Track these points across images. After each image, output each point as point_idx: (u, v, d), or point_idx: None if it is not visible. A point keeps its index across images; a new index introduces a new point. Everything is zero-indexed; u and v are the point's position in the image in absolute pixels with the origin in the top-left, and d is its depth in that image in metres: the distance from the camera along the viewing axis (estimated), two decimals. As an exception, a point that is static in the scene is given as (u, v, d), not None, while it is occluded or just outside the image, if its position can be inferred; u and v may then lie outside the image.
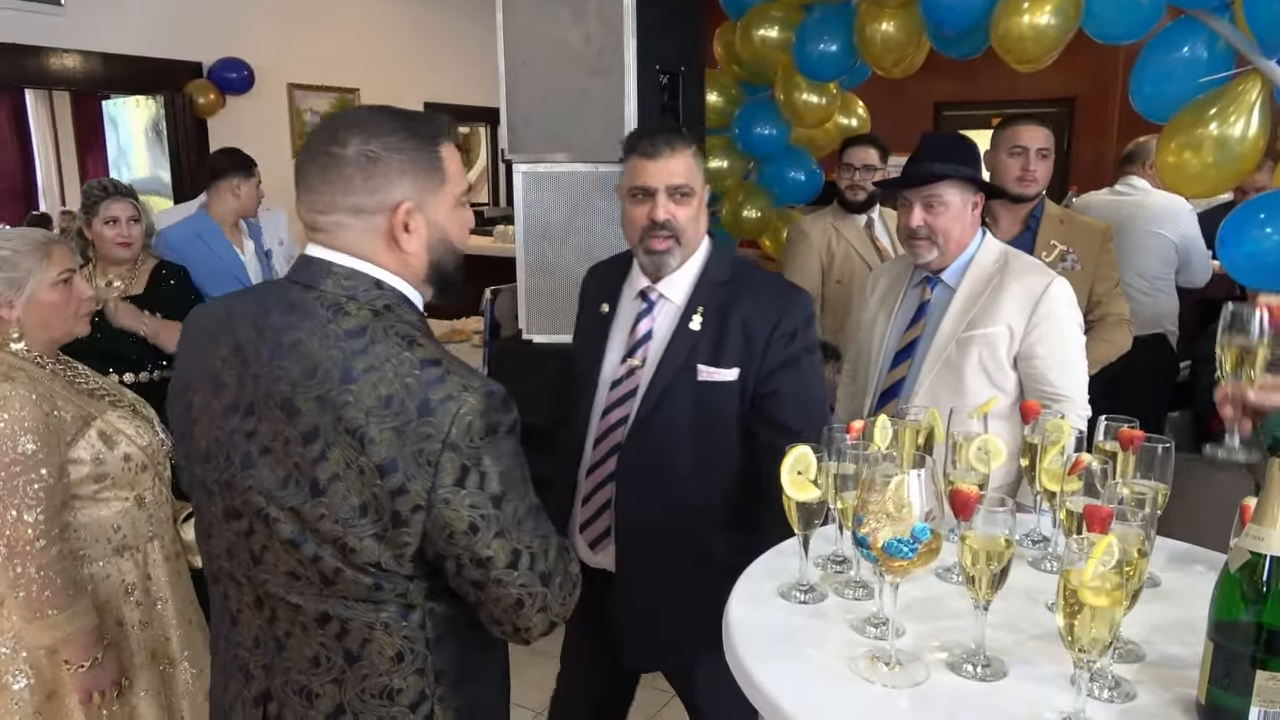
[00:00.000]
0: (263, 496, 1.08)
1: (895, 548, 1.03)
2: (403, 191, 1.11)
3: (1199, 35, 2.34)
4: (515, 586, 1.10)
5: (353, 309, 1.09)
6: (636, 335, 1.81)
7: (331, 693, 1.13)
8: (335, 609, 1.10)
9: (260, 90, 5.61)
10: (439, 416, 1.03)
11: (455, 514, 1.05)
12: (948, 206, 2.04)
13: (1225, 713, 0.96)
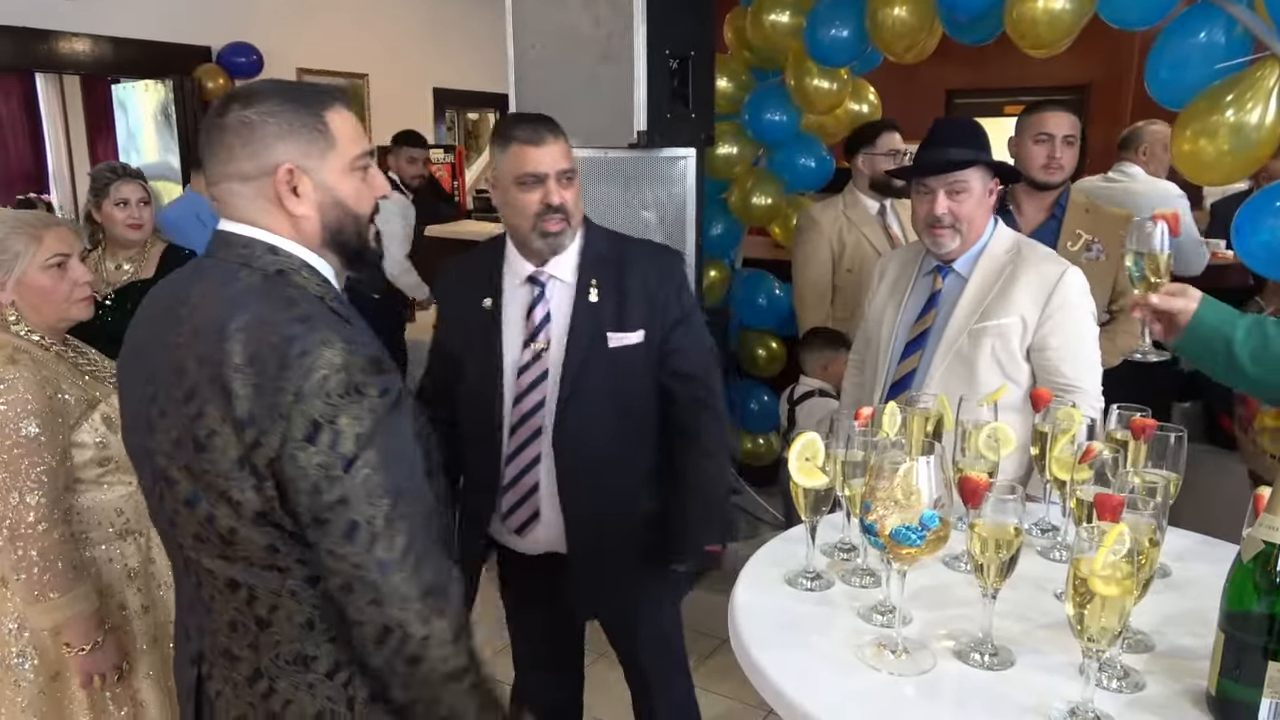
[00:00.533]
0: (164, 458, 1.11)
1: (903, 535, 1.02)
2: (283, 154, 1.13)
3: (1216, 20, 2.30)
4: (346, 564, 1.04)
5: (244, 275, 1.11)
6: (534, 320, 1.83)
7: (249, 657, 1.15)
8: (241, 575, 1.12)
9: (269, 74, 5.61)
10: (294, 370, 1.03)
11: (301, 471, 1.03)
12: (971, 193, 2.01)
13: (1236, 704, 0.95)
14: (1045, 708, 0.98)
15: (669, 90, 3.08)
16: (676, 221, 3.14)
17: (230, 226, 1.16)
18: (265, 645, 1.14)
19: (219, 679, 1.18)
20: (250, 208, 1.14)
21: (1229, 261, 3.70)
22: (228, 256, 1.14)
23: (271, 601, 1.12)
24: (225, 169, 1.13)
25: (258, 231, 1.14)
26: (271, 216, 1.14)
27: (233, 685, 1.17)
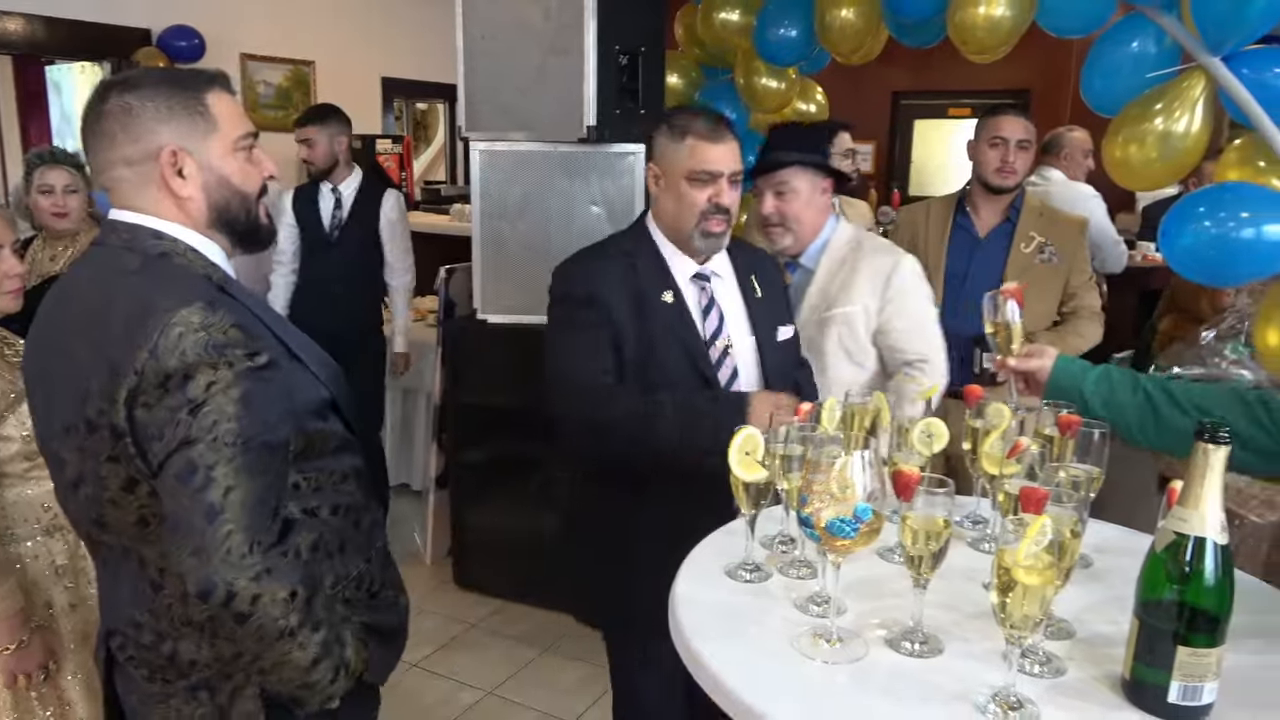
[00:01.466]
0: (57, 442, 1.16)
1: (837, 527, 1.05)
2: (166, 137, 1.15)
3: (1147, 31, 2.38)
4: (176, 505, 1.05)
5: (127, 259, 1.15)
6: (712, 318, 1.85)
7: (150, 622, 1.19)
8: (129, 543, 1.16)
9: (211, 60, 5.45)
10: (152, 327, 1.06)
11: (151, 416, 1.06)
12: (797, 193, 2.12)
13: (1148, 687, 1.00)
14: (971, 693, 1.02)
15: (619, 85, 3.10)
16: (625, 216, 3.15)
17: (118, 215, 1.19)
18: (160, 609, 1.17)
19: (131, 647, 1.21)
20: (137, 193, 1.17)
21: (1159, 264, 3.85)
22: (114, 243, 1.17)
23: (158, 564, 1.15)
24: (110, 155, 1.16)
25: (142, 218, 1.17)
26: (158, 201, 1.17)
27: (141, 650, 1.20)
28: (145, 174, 1.16)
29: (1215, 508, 0.97)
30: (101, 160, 1.17)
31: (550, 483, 3.43)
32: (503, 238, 3.23)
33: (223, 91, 1.21)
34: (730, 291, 1.88)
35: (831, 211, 2.24)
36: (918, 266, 2.18)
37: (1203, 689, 0.97)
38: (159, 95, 1.15)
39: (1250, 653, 1.09)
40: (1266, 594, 1.31)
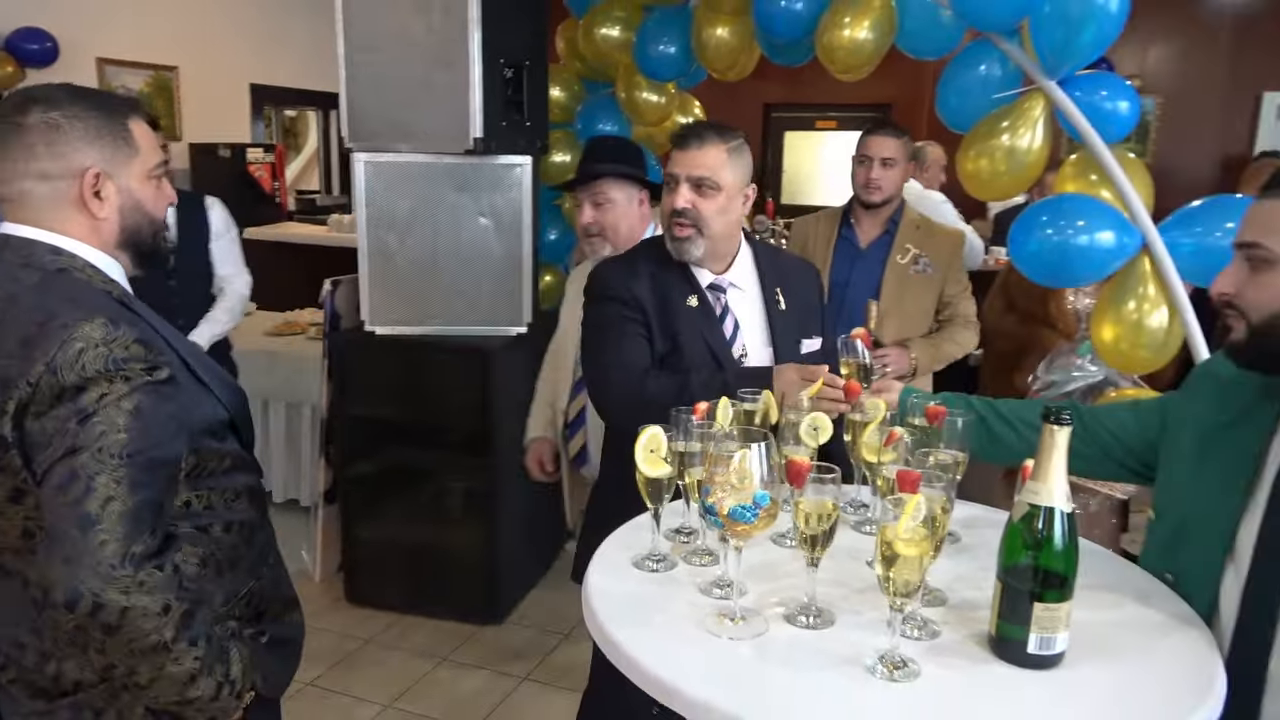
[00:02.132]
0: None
1: (739, 513, 1.15)
2: (90, 158, 1.18)
3: (993, 56, 2.61)
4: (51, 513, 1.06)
5: (23, 274, 1.15)
6: (728, 327, 1.91)
7: (34, 642, 1.18)
8: (10, 563, 1.16)
9: (65, 64, 5.19)
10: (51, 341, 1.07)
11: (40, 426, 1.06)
12: (614, 203, 2.25)
13: (1010, 641, 1.14)
14: (861, 657, 1.13)
15: (504, 98, 3.15)
16: (512, 227, 3.21)
17: (12, 229, 1.17)
18: (45, 627, 1.16)
19: (13, 669, 1.19)
20: (43, 208, 1.17)
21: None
22: (9, 259, 1.16)
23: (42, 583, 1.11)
24: (23, 167, 1.15)
25: (40, 233, 1.17)
26: (67, 218, 1.18)
27: (23, 673, 1.19)
28: (60, 191, 1.17)
29: (1061, 480, 1.12)
30: (9, 170, 1.16)
31: (444, 493, 3.44)
32: (389, 250, 3.22)
33: (141, 119, 1.25)
34: (751, 303, 1.93)
35: (651, 221, 2.33)
36: None
37: (1056, 639, 1.12)
38: (88, 117, 1.18)
39: (1094, 608, 1.25)
40: (1111, 559, 1.49)
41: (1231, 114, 6.09)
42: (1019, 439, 1.60)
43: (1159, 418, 1.50)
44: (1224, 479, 1.31)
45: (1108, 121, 2.47)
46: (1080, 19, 2.34)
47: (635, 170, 2.33)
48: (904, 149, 2.87)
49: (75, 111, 1.17)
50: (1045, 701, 1.08)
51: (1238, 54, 6.03)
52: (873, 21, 2.73)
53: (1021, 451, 1.59)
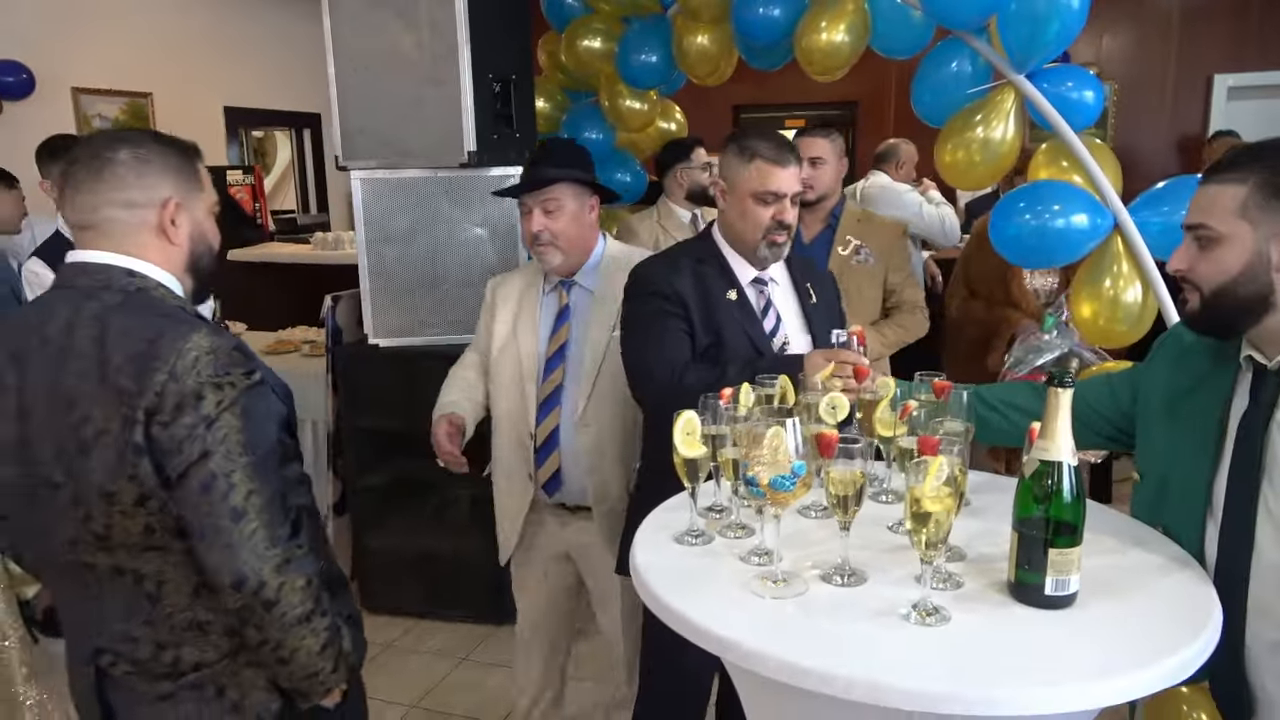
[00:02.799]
0: (45, 467, 1.22)
1: (779, 483, 1.26)
2: (170, 189, 1.32)
3: (964, 53, 2.74)
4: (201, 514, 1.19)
5: (106, 296, 1.25)
6: (770, 320, 2.03)
7: (147, 634, 1.27)
8: (123, 562, 1.24)
9: (43, 95, 5.22)
10: (168, 352, 1.19)
11: (169, 435, 1.18)
12: (564, 210, 2.14)
13: (1029, 586, 1.26)
14: (895, 608, 1.25)
15: (494, 112, 3.24)
16: (507, 236, 3.30)
17: (87, 256, 1.28)
18: (159, 619, 1.26)
19: (124, 663, 1.28)
20: (125, 234, 1.28)
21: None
22: (85, 284, 1.26)
23: (157, 578, 1.24)
24: (112, 195, 1.27)
25: (115, 257, 1.27)
26: (144, 243, 1.29)
27: (138, 665, 1.28)
28: (142, 218, 1.29)
29: (1067, 437, 1.24)
30: (100, 199, 1.27)
31: (451, 499, 3.52)
32: (389, 264, 3.30)
33: (201, 162, 1.39)
34: (787, 297, 2.07)
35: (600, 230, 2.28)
36: None
37: (1070, 580, 1.24)
38: (168, 155, 1.32)
39: (1099, 555, 1.37)
40: (1107, 512, 1.61)
41: (1185, 97, 6.32)
42: (1004, 420, 1.73)
43: (1130, 389, 1.64)
44: (1194, 440, 1.45)
45: (1075, 111, 2.61)
46: (1045, 15, 2.48)
47: (588, 175, 2.24)
48: (834, 148, 3.02)
49: (159, 150, 1.31)
50: (1064, 635, 1.20)
51: (1188, 39, 6.26)
52: (848, 24, 2.86)
53: (1008, 433, 1.73)
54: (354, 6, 3.15)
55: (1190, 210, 1.39)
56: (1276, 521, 1.34)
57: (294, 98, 6.72)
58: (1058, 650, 1.17)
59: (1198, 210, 1.37)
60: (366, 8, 3.15)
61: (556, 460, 2.22)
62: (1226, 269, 1.33)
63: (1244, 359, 1.41)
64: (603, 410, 2.19)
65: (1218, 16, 6.19)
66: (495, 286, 2.38)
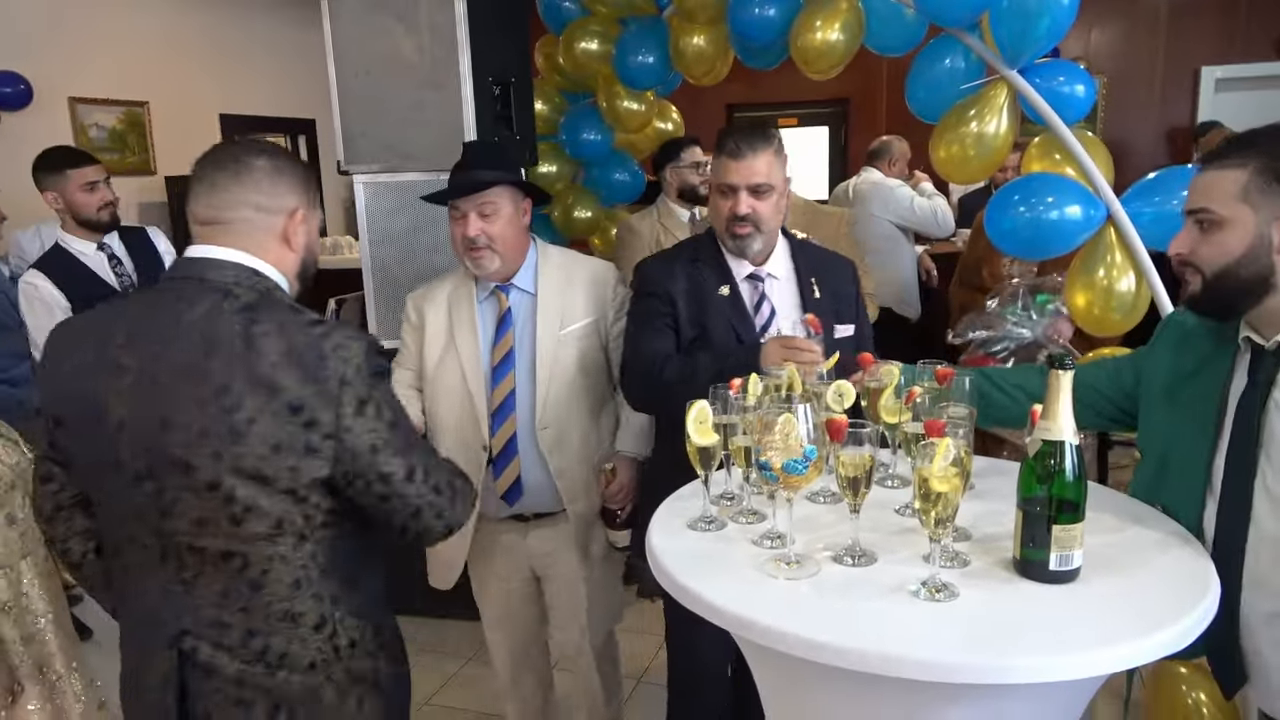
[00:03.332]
0: (181, 449, 1.28)
1: (792, 466, 1.30)
2: (296, 201, 1.43)
3: (957, 49, 2.79)
4: (414, 497, 1.37)
5: (239, 291, 1.33)
6: (763, 314, 2.06)
7: (241, 620, 1.33)
8: (236, 546, 1.30)
9: (40, 105, 5.24)
10: (334, 361, 1.28)
11: (359, 439, 1.31)
12: (501, 213, 2.07)
13: (1034, 562, 1.30)
14: (906, 586, 1.29)
15: (494, 114, 3.28)
16: (508, 237, 3.33)
17: (213, 252, 1.35)
18: (256, 607, 1.32)
19: (208, 648, 1.33)
20: (252, 235, 1.37)
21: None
22: (216, 278, 1.33)
23: (263, 566, 1.31)
24: (248, 197, 1.36)
25: (240, 255, 1.35)
26: (267, 246, 1.38)
27: (226, 650, 1.33)
28: (270, 223, 1.39)
29: (1069, 418, 1.29)
30: (236, 199, 1.37)
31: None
32: (391, 266, 3.34)
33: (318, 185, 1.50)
34: (787, 290, 2.10)
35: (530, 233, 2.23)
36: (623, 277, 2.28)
37: (1073, 555, 1.29)
38: (298, 170, 1.44)
39: (1100, 533, 1.41)
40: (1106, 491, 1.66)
41: (1173, 89, 6.39)
42: (1012, 402, 1.78)
43: (1134, 372, 1.69)
44: (1195, 420, 1.50)
45: (1066, 105, 2.66)
46: (1036, 11, 2.53)
47: (519, 177, 2.20)
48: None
49: (291, 164, 1.43)
50: (1069, 608, 1.24)
51: (1176, 32, 6.33)
52: (843, 23, 2.90)
53: (1015, 415, 1.77)
54: (354, 12, 3.19)
55: (1190, 195, 1.44)
56: (1273, 497, 1.39)
57: (289, 104, 6.75)
58: (1063, 622, 1.22)
59: (1198, 195, 1.42)
60: (367, 13, 3.19)
61: (516, 468, 2.17)
62: (1228, 251, 1.38)
63: (1242, 340, 1.46)
64: (560, 411, 2.16)
65: (1205, 10, 6.25)
66: (418, 301, 2.29)
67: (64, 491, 1.46)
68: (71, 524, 1.47)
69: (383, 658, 1.47)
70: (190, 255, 1.37)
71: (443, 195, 2.15)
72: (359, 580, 1.43)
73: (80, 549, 1.48)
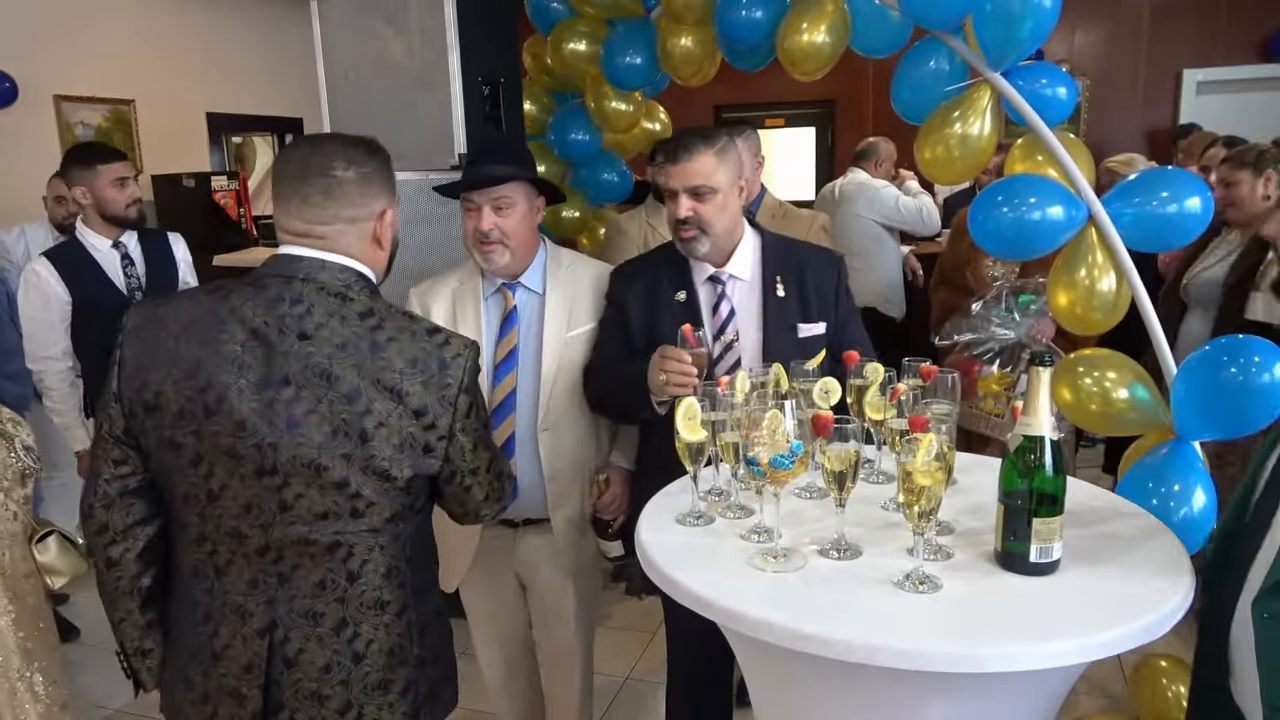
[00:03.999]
0: (313, 449, 1.33)
1: (779, 461, 1.33)
2: (384, 202, 1.46)
3: (941, 52, 2.82)
4: (485, 485, 1.50)
5: (354, 294, 1.38)
6: (721, 314, 2.08)
7: (335, 610, 1.38)
8: (346, 538, 1.36)
9: (25, 103, 5.21)
10: (454, 369, 1.37)
11: (467, 438, 1.43)
12: (516, 208, 2.05)
13: (1015, 555, 1.34)
14: (889, 578, 1.32)
15: (483, 115, 3.30)
16: (498, 236, 3.35)
17: (314, 253, 1.39)
18: (351, 597, 1.38)
19: (298, 639, 1.37)
20: (352, 242, 1.41)
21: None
22: (328, 280, 1.38)
23: (364, 556, 1.37)
24: (343, 212, 1.39)
25: (349, 260, 1.40)
26: (365, 248, 1.43)
27: (317, 640, 1.38)
28: (362, 230, 1.42)
29: (1048, 414, 1.32)
30: (331, 214, 1.39)
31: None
32: (381, 265, 3.35)
33: None
34: (750, 291, 2.11)
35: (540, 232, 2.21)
36: None
37: (1053, 548, 1.32)
38: (381, 170, 1.45)
39: (1078, 526, 1.45)
40: (1085, 486, 1.70)
41: (1155, 91, 6.46)
42: None
43: None
44: None
45: (1049, 107, 2.69)
46: (1019, 14, 2.56)
47: (534, 174, 2.16)
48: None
49: (377, 164, 1.44)
50: (1048, 600, 1.28)
51: (1158, 34, 6.41)
52: (829, 25, 2.93)
53: None
54: (344, 14, 3.20)
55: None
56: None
57: (277, 103, 6.73)
58: (1042, 612, 1.25)
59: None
60: (356, 15, 3.20)
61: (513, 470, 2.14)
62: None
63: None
64: (561, 414, 2.14)
65: (1186, 13, 6.33)
66: (421, 295, 2.28)
67: (134, 475, 1.42)
68: (132, 510, 1.42)
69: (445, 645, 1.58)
70: (291, 254, 1.40)
71: (457, 187, 2.13)
72: (429, 571, 1.55)
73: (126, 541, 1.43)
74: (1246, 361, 2.02)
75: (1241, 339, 2.10)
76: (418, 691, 1.46)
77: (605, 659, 2.89)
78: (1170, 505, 2.01)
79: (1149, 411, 2.25)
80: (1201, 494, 2.04)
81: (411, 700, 1.45)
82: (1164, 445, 2.18)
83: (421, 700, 1.47)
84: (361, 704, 1.40)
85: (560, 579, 2.24)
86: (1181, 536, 1.48)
